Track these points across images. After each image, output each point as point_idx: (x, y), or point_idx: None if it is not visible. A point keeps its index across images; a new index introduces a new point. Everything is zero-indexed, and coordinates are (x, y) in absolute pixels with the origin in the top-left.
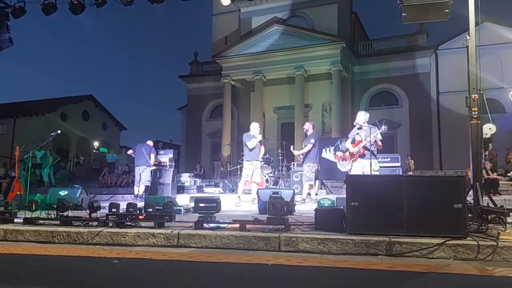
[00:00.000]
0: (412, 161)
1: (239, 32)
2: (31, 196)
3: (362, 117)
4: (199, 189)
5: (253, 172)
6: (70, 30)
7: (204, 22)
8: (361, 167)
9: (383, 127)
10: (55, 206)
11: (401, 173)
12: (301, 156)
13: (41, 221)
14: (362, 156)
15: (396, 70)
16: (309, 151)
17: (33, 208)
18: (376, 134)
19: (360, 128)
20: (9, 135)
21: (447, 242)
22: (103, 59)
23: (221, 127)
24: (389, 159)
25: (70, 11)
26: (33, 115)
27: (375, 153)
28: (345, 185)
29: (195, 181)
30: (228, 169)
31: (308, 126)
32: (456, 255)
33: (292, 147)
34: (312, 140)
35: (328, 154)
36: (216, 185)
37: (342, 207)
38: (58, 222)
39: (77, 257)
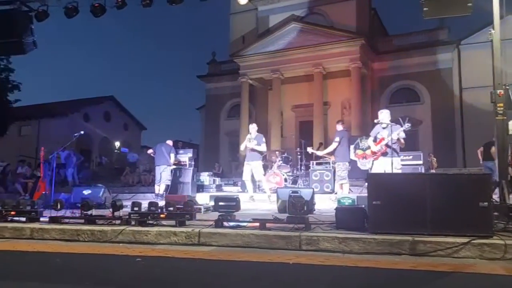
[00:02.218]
0: (435, 159)
1: (256, 31)
2: (56, 196)
3: (385, 115)
4: (218, 188)
5: (252, 171)
6: (91, 32)
7: (221, 22)
8: (383, 166)
9: (407, 124)
10: (79, 205)
11: (423, 171)
12: (332, 157)
13: (66, 220)
14: (384, 154)
15: (417, 66)
16: (335, 150)
17: (58, 207)
18: (399, 132)
19: (384, 127)
20: (34, 136)
21: (473, 241)
22: (123, 60)
23: (239, 126)
24: (411, 157)
25: (92, 14)
26: (56, 116)
27: (398, 151)
28: (366, 184)
29: (214, 180)
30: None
31: (338, 126)
32: (482, 255)
33: (310, 148)
34: (337, 139)
35: None
36: (235, 184)
37: (363, 206)
38: (82, 221)
39: (101, 255)
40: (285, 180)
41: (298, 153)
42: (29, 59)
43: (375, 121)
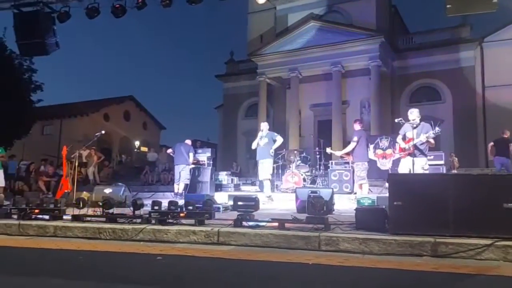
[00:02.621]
0: (456, 159)
1: (274, 30)
2: (78, 194)
3: (416, 114)
4: (236, 187)
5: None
6: (112, 32)
7: (240, 21)
8: (410, 165)
9: (437, 129)
10: (101, 204)
11: (444, 171)
12: (350, 157)
13: (88, 218)
14: (412, 154)
15: (438, 64)
16: (353, 150)
17: (81, 205)
18: (429, 135)
19: (415, 127)
20: (56, 135)
21: (497, 243)
22: (142, 60)
23: (257, 125)
24: (432, 157)
25: (112, 14)
26: (78, 116)
27: (426, 152)
28: (387, 184)
29: (232, 179)
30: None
31: (355, 125)
32: (506, 257)
33: (329, 148)
34: (355, 138)
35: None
36: (253, 184)
37: (384, 207)
38: (104, 219)
39: (122, 253)
40: (304, 180)
41: (317, 153)
42: (51, 59)
43: (396, 120)
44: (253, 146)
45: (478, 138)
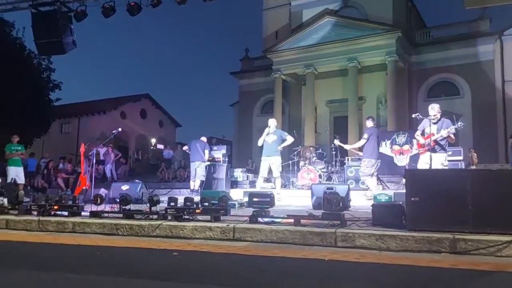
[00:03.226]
0: (475, 154)
1: (289, 26)
2: (95, 191)
3: (437, 110)
4: (252, 184)
5: (270, 167)
6: (127, 30)
7: (254, 18)
8: (428, 161)
9: (460, 123)
10: (118, 200)
11: (463, 167)
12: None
13: (106, 214)
14: (432, 149)
15: (456, 58)
16: (363, 146)
17: (98, 202)
18: (450, 129)
19: (435, 123)
20: (74, 133)
21: None
22: (158, 58)
23: None
24: (450, 152)
25: (128, 13)
26: (95, 114)
27: (446, 147)
28: (404, 180)
29: (247, 176)
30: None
31: (368, 122)
32: None
33: (337, 139)
34: (365, 135)
35: (384, 148)
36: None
37: (401, 203)
38: (121, 215)
39: (139, 249)
40: (320, 176)
41: (333, 149)
42: (69, 58)
43: (414, 115)
44: (259, 143)
45: (498, 133)
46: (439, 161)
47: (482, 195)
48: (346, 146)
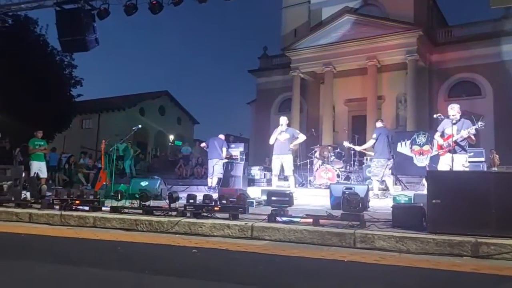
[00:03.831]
0: (497, 156)
1: (308, 24)
2: (116, 186)
3: (456, 110)
4: (269, 182)
5: (282, 165)
6: (147, 28)
7: (273, 16)
8: (449, 162)
9: (480, 123)
10: (137, 196)
11: (485, 169)
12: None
13: (126, 210)
14: (452, 151)
15: (478, 58)
16: (373, 146)
17: (119, 197)
18: (471, 129)
19: (455, 123)
20: (95, 129)
21: None
22: (177, 55)
23: (290, 120)
24: (472, 154)
25: (150, 11)
26: (115, 110)
27: (466, 148)
28: (425, 181)
29: (264, 174)
30: (297, 163)
31: (377, 123)
32: None
33: (346, 142)
34: (374, 135)
35: (403, 148)
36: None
37: (421, 204)
38: (140, 211)
39: (159, 245)
40: (338, 176)
41: (351, 148)
42: (90, 55)
43: (435, 116)
44: (271, 141)
45: None
46: (460, 162)
47: (505, 198)
48: (356, 147)
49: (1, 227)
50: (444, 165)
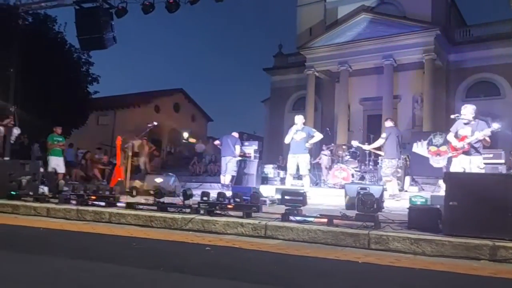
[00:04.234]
0: None
1: (324, 23)
2: (130, 183)
3: (470, 111)
4: (283, 181)
5: (298, 165)
6: (162, 26)
7: (289, 14)
8: (463, 164)
9: (496, 125)
10: (152, 192)
11: (504, 171)
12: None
13: (141, 206)
14: (466, 152)
15: (497, 58)
16: (382, 146)
17: (134, 194)
18: (486, 132)
19: (467, 123)
20: (111, 126)
21: None
22: (191, 52)
23: (304, 119)
24: (491, 155)
25: (166, 10)
26: (130, 107)
27: (480, 150)
28: (441, 183)
29: (278, 172)
30: (311, 161)
31: (387, 122)
32: None
33: (356, 141)
34: (384, 135)
35: (419, 148)
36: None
37: (438, 206)
38: (155, 207)
39: (173, 242)
40: (352, 175)
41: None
42: (106, 52)
43: (452, 116)
44: (287, 140)
45: None
46: (476, 164)
47: None
48: (365, 147)
49: (20, 220)
50: (457, 167)
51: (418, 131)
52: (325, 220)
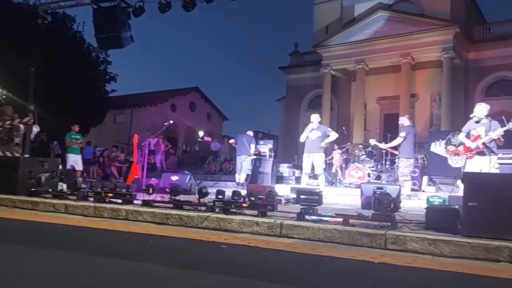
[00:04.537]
0: None
1: (341, 21)
2: (147, 180)
3: (483, 110)
4: (298, 180)
5: (313, 164)
6: (178, 25)
7: (305, 12)
8: (479, 165)
9: (510, 124)
10: (168, 190)
11: None
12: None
13: (157, 204)
14: (481, 153)
15: None
16: (399, 145)
17: (150, 191)
18: (499, 130)
19: (478, 122)
20: (127, 124)
21: None
22: (207, 51)
23: (320, 118)
24: (510, 155)
25: (183, 8)
26: (147, 106)
27: (495, 150)
28: (460, 183)
29: (293, 171)
30: (326, 161)
31: (402, 120)
32: None
33: (373, 140)
34: (403, 134)
35: (437, 148)
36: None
37: (456, 207)
38: (171, 205)
39: (189, 240)
40: (368, 175)
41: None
42: (123, 51)
43: (471, 115)
44: (302, 139)
45: None
46: (491, 164)
47: None
48: (382, 145)
49: (39, 217)
50: (472, 168)
51: (436, 131)
52: (341, 219)
